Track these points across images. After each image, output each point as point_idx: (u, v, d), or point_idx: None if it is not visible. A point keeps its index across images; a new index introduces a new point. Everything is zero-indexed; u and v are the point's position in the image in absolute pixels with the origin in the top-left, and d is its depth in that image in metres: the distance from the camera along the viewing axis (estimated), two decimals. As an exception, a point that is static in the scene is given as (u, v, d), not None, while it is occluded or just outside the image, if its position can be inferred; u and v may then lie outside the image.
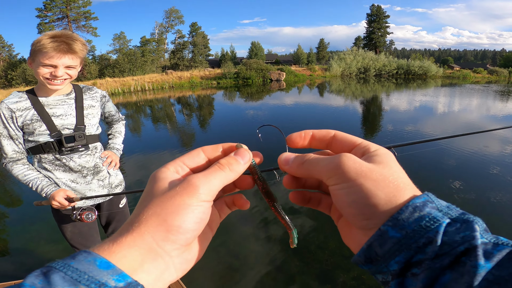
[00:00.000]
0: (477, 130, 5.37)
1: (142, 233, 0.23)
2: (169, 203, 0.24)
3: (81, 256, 0.21)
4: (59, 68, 1.28)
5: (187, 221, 0.24)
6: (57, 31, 1.29)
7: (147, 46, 44.07)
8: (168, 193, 0.25)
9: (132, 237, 0.23)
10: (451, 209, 0.23)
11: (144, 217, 0.24)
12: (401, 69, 37.43)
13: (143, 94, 22.03)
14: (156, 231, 0.23)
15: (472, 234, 0.20)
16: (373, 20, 51.05)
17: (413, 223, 0.22)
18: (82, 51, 1.34)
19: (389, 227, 0.22)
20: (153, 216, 0.24)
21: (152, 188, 0.26)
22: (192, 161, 0.29)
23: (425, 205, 0.22)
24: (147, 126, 9.75)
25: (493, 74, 42.67)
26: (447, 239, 0.21)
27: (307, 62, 54.08)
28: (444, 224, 0.21)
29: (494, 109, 11.30)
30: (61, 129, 1.39)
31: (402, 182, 0.24)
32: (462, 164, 4.69)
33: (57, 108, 1.40)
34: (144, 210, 0.24)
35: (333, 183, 0.26)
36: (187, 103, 15.77)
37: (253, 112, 11.14)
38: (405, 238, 0.21)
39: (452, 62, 73.54)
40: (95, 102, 1.56)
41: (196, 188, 0.25)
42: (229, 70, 28.39)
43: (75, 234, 1.57)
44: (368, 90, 19.66)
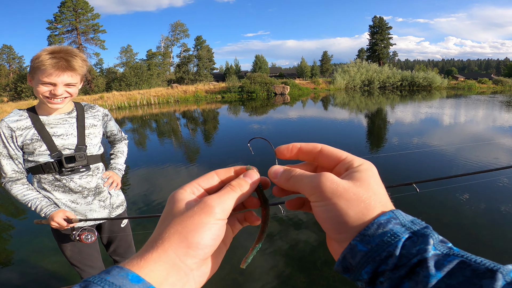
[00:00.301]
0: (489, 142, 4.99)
1: (166, 250, 0.25)
2: (188, 222, 0.27)
3: (115, 271, 0.23)
4: (58, 86, 1.25)
5: (205, 238, 0.26)
6: (56, 46, 1.26)
7: (153, 60, 44.97)
8: (187, 213, 0.27)
9: (157, 253, 0.25)
10: (415, 223, 0.25)
11: (167, 235, 0.26)
12: (405, 81, 37.50)
13: (148, 108, 22.34)
14: (178, 247, 0.26)
15: (425, 247, 0.22)
16: (376, 31, 51.52)
17: (377, 238, 0.24)
18: (82, 68, 1.30)
19: (358, 242, 0.25)
20: (175, 234, 0.26)
21: (171, 209, 0.29)
22: (206, 183, 0.32)
23: (388, 222, 0.25)
24: (152, 140, 9.81)
25: (498, 84, 42.47)
26: (405, 252, 0.23)
27: (311, 75, 54.56)
28: (403, 239, 0.23)
29: (505, 120, 11.13)
30: (62, 149, 1.37)
31: (373, 200, 0.26)
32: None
33: (58, 127, 1.38)
34: (166, 229, 0.27)
35: (313, 200, 0.28)
36: (192, 117, 15.93)
37: (257, 126, 11.17)
38: (370, 252, 0.24)
39: (457, 72, 73.59)
40: (97, 121, 1.53)
41: (212, 208, 0.27)
42: (234, 84, 28.78)
43: (74, 253, 1.55)
44: (373, 103, 19.64)
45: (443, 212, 3.57)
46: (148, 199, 4.34)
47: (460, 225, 3.29)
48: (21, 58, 45.86)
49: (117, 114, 18.98)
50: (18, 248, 3.19)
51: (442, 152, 6.25)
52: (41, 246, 3.09)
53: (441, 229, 3.04)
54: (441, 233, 0.25)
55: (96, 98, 24.98)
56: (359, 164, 0.30)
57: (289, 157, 0.35)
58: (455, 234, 3.07)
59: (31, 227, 3.58)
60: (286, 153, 0.35)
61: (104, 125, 1.62)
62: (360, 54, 54.94)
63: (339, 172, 0.31)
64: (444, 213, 3.54)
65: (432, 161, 5.67)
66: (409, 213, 0.26)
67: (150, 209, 3.97)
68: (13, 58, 45.15)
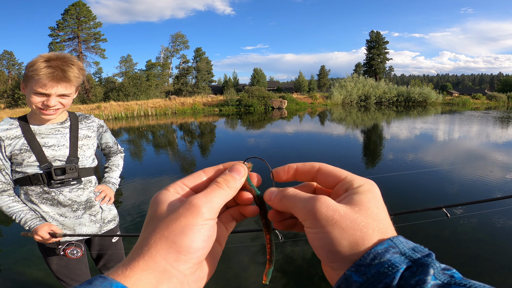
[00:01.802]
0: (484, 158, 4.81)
1: (154, 256, 0.23)
2: (175, 225, 0.25)
3: (98, 281, 0.21)
4: (52, 97, 1.21)
5: (196, 241, 0.25)
6: (53, 53, 1.23)
7: (152, 70, 45.30)
8: (172, 216, 0.25)
9: (144, 261, 0.23)
10: (417, 251, 0.23)
11: (153, 241, 0.24)
12: (401, 96, 38.02)
13: (145, 119, 22.33)
14: (167, 253, 0.24)
15: (424, 278, 0.21)
16: (373, 46, 52.25)
17: (373, 269, 0.22)
18: (78, 78, 1.26)
19: (353, 272, 0.23)
20: (162, 239, 0.24)
21: (155, 212, 0.27)
22: (192, 182, 0.30)
23: (386, 251, 0.23)
24: (148, 152, 9.79)
25: (492, 99, 43.27)
26: (403, 283, 0.21)
27: (309, 89, 55.23)
28: (402, 269, 0.22)
29: (498, 136, 11.21)
30: (52, 161, 1.32)
31: (371, 228, 0.25)
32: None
33: (50, 137, 1.33)
34: (152, 235, 0.25)
35: (306, 226, 0.27)
36: (189, 130, 15.89)
37: (254, 141, 11.15)
38: (366, 283, 0.22)
39: (451, 88, 74.94)
40: (91, 132, 1.48)
41: (199, 208, 0.25)
42: (232, 97, 28.98)
43: (61, 267, 1.49)
44: (369, 119, 19.79)
45: (476, 241, 3.18)
46: (143, 211, 4.30)
47: (497, 254, 2.90)
48: (20, 65, 45.75)
49: (113, 125, 18.94)
50: (5, 255, 3.18)
51: (458, 172, 6.21)
52: (30, 254, 3.09)
53: (474, 261, 2.83)
54: (474, 266, 0.24)
55: (93, 108, 24.96)
56: (360, 184, 0.28)
57: (286, 179, 0.33)
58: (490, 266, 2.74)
59: (19, 235, 3.47)
60: (283, 175, 0.33)
61: (99, 137, 1.57)
62: (357, 69, 55.85)
63: (338, 193, 0.29)
64: (478, 242, 3.15)
65: (451, 182, 5.44)
66: (434, 243, 0.24)
67: (141, 222, 3.90)
68: (13, 65, 45.18)
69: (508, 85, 56.72)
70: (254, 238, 3.29)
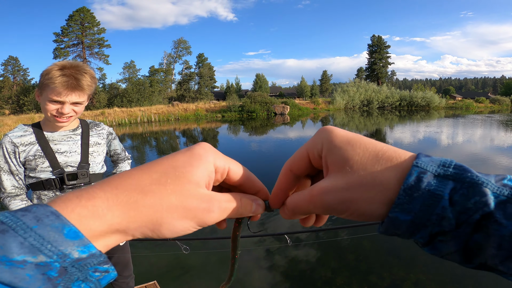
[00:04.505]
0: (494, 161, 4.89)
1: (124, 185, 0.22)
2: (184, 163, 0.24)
3: (48, 219, 0.18)
4: (66, 104, 1.25)
5: (202, 179, 0.24)
6: (67, 61, 1.27)
7: (155, 76, 45.57)
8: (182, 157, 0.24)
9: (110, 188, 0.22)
10: (447, 165, 0.21)
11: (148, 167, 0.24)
12: (404, 101, 37.95)
13: (149, 125, 22.45)
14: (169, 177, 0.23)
15: (483, 200, 0.20)
16: (374, 50, 52.28)
17: (416, 203, 0.21)
18: (91, 87, 1.31)
19: (398, 213, 0.21)
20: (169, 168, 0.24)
21: (183, 175, 0.24)
22: (233, 175, 0.28)
23: (420, 181, 0.21)
24: (152, 158, 9.84)
25: (495, 103, 43.05)
26: (459, 208, 0.20)
27: (311, 94, 55.34)
28: (447, 196, 0.20)
29: (503, 140, 11.13)
30: (64, 167, 1.36)
31: (381, 172, 0.23)
32: None
33: (62, 144, 1.38)
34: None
35: (323, 213, 0.26)
36: (191, 136, 15.97)
37: (257, 146, 11.18)
38: (417, 219, 0.21)
39: (454, 91, 74.59)
40: (101, 139, 1.53)
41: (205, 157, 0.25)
42: (234, 103, 29.10)
43: None
44: (372, 124, 19.79)
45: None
46: None
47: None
48: (25, 71, 45.93)
49: (117, 131, 19.07)
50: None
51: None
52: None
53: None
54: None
55: (97, 114, 25.11)
56: (324, 142, 0.26)
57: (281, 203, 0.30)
58: None
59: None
60: (278, 204, 0.31)
61: (108, 144, 1.61)
62: (359, 74, 55.83)
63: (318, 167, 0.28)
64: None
65: None
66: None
67: None
68: (18, 70, 45.16)
69: (511, 88, 56.41)
70: (257, 242, 3.29)
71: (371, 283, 2.58)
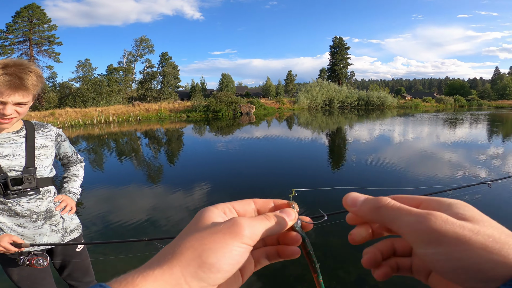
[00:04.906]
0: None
1: (172, 267, 0.22)
2: (209, 239, 0.24)
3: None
4: (8, 105, 1.17)
5: (222, 261, 0.23)
6: (10, 59, 1.19)
7: (114, 75, 43.06)
8: (210, 229, 0.25)
9: (161, 270, 0.22)
10: None
11: (179, 250, 0.23)
12: (361, 100, 40.40)
13: (107, 126, 21.13)
14: (188, 265, 0.23)
15: None
16: (336, 51, 54.44)
17: None
18: (36, 86, 1.23)
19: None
20: (189, 250, 0.23)
21: (195, 224, 0.26)
22: (241, 208, 0.30)
23: None
24: (111, 160, 9.33)
25: (440, 102, 47.81)
26: None
27: (276, 94, 56.36)
28: None
29: (447, 137, 12.41)
30: (8, 171, 1.29)
31: (510, 238, 0.22)
32: None
33: (4, 147, 1.30)
34: (181, 243, 0.24)
35: (423, 247, 0.24)
36: (154, 137, 15.31)
37: (223, 146, 11.08)
38: None
39: (404, 91, 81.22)
40: (49, 141, 1.45)
41: (241, 228, 0.25)
42: (199, 103, 28.54)
43: (23, 278, 1.45)
44: (333, 122, 20.74)
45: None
46: (109, 221, 4.18)
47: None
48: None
49: (70, 133, 17.79)
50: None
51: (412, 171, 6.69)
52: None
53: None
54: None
55: (46, 115, 23.08)
56: (452, 202, 0.26)
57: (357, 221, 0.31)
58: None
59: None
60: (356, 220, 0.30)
61: (57, 146, 1.55)
62: (322, 74, 58.10)
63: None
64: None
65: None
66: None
67: (109, 232, 3.82)
68: None
69: (454, 88, 63.05)
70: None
71: (339, 278, 2.68)
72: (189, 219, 1.99)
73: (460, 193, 4.70)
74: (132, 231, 3.84)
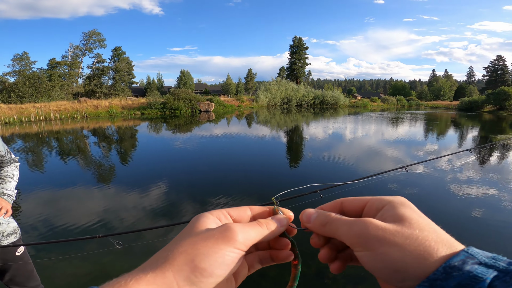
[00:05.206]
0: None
1: (165, 271, 0.23)
2: (202, 244, 0.24)
3: None
4: None
5: (214, 265, 0.24)
6: None
7: (56, 70, 39.01)
8: (204, 234, 0.25)
9: (153, 274, 0.22)
10: (497, 259, 0.22)
11: (172, 255, 0.24)
12: (317, 99, 42.48)
13: (47, 124, 19.11)
14: (180, 270, 0.23)
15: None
16: (295, 51, 55.83)
17: (451, 282, 0.21)
18: None
19: (425, 287, 0.22)
20: (182, 255, 0.24)
21: (190, 228, 0.27)
22: (237, 214, 0.31)
23: (464, 263, 0.22)
24: (53, 161, 8.51)
25: (385, 102, 52.49)
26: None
27: (236, 92, 56.29)
28: (489, 280, 0.21)
29: (392, 134, 13.74)
30: None
31: (433, 240, 0.24)
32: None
33: None
34: (175, 248, 0.24)
35: (357, 250, 0.26)
36: (104, 135, 14.25)
37: (181, 144, 10.79)
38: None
39: (355, 91, 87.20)
40: None
41: (234, 234, 0.25)
42: (155, 100, 27.25)
43: None
44: (291, 120, 21.52)
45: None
46: (52, 224, 3.92)
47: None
48: None
49: (3, 131, 15.83)
50: None
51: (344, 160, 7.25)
52: None
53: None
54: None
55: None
56: (390, 200, 0.28)
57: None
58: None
59: None
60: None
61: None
62: (281, 73, 59.40)
63: (369, 215, 0.29)
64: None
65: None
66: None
67: (54, 235, 3.60)
68: None
69: (397, 89, 69.47)
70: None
71: (301, 272, 2.84)
72: (146, 220, 2.05)
73: (385, 178, 5.40)
74: (82, 234, 3.60)
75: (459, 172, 6.62)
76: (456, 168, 7.02)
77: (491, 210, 4.45)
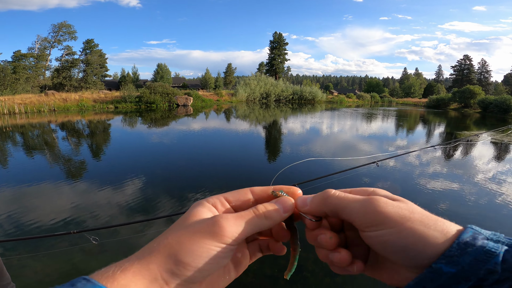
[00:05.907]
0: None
1: (149, 263, 0.23)
2: (187, 238, 0.24)
3: (80, 283, 0.20)
4: None
5: (198, 260, 0.23)
6: None
7: (21, 62, 36.34)
8: (192, 228, 0.24)
9: (139, 265, 0.23)
10: (498, 235, 0.23)
11: (158, 247, 0.24)
12: (295, 95, 43.01)
13: (11, 118, 17.78)
14: (164, 263, 0.23)
15: None
16: (275, 47, 55.60)
17: (467, 257, 0.22)
18: None
19: (442, 264, 0.22)
20: (166, 247, 0.23)
21: (183, 219, 0.26)
22: (235, 199, 0.29)
23: (475, 239, 0.22)
24: (17, 156, 7.99)
25: (360, 98, 54.27)
26: (506, 266, 0.21)
27: (215, 86, 55.50)
28: (502, 254, 0.21)
29: (366, 130, 14.27)
30: None
31: (439, 220, 0.24)
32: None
33: None
34: (161, 241, 0.24)
35: (372, 229, 0.25)
36: (74, 130, 13.54)
37: (158, 138, 10.51)
38: (461, 272, 0.21)
39: (332, 88, 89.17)
40: None
41: (221, 229, 0.24)
42: (130, 93, 26.19)
43: None
44: (270, 115, 21.65)
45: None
46: (18, 221, 3.78)
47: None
48: None
49: None
50: None
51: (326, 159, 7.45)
52: None
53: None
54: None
55: None
56: (372, 189, 0.28)
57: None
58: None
59: None
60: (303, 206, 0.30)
61: None
62: (260, 68, 59.21)
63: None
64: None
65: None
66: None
67: (21, 234, 3.46)
68: None
69: (371, 86, 71.86)
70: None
71: (281, 266, 2.89)
72: (121, 216, 1.99)
73: (359, 172, 5.64)
74: (52, 231, 3.43)
75: (426, 167, 7.05)
76: (423, 162, 7.48)
77: (456, 203, 4.80)
